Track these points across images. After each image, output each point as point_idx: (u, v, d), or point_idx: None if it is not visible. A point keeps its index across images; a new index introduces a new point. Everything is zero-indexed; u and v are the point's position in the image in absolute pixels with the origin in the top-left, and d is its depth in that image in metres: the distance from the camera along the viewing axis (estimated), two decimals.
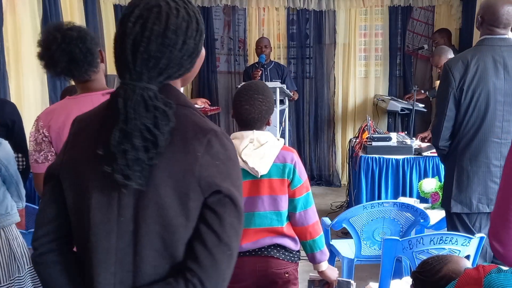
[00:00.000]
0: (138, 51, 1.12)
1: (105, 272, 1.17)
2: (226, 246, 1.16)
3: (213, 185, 1.16)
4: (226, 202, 1.17)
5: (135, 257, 1.17)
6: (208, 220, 1.16)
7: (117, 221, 1.17)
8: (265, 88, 2.18)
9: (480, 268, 1.43)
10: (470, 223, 2.76)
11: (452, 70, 2.71)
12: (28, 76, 4.15)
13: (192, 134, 1.17)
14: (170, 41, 1.13)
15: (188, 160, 1.15)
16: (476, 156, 2.71)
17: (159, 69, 1.14)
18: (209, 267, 1.15)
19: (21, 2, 4.06)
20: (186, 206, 1.15)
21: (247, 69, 6.01)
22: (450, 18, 6.50)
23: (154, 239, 1.16)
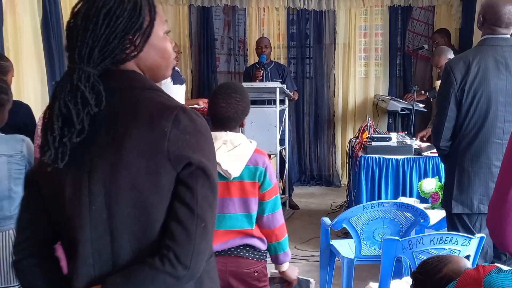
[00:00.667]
0: (72, 33, 1.17)
1: (83, 265, 1.17)
2: (199, 218, 1.15)
3: (183, 157, 1.14)
4: (198, 174, 1.16)
5: (112, 245, 1.16)
6: (180, 194, 1.15)
7: (89, 211, 1.16)
8: (243, 88, 2.20)
9: (480, 268, 1.43)
10: (471, 224, 2.76)
11: (453, 70, 2.69)
12: (28, 76, 4.15)
13: (158, 112, 1.17)
14: (93, 20, 1.16)
15: (155, 137, 1.14)
16: (477, 156, 2.70)
17: (88, 49, 1.15)
18: (183, 241, 1.14)
19: (21, 2, 4.05)
20: (159, 183, 1.14)
21: (247, 69, 6.01)
22: (450, 18, 6.50)
23: (131, 223, 1.15)
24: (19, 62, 4.04)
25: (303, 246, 4.54)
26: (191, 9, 6.65)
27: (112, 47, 1.16)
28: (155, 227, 1.16)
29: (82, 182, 1.16)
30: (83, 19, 1.16)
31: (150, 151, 1.14)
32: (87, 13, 1.16)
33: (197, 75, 6.77)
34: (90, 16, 1.16)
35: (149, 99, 1.19)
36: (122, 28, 1.17)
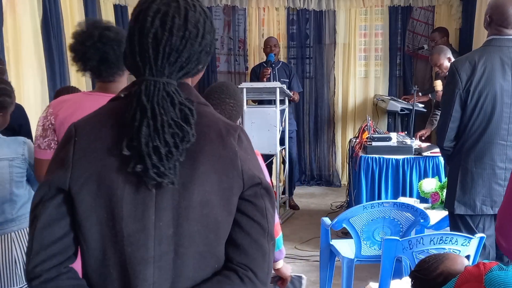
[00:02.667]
0: (160, 45, 1.11)
1: (142, 284, 1.11)
2: (269, 236, 1.19)
3: (255, 177, 1.17)
4: (263, 193, 1.19)
5: (175, 261, 1.12)
6: (249, 212, 1.17)
7: (154, 227, 1.11)
8: (237, 92, 2.18)
9: (481, 266, 1.44)
10: (474, 225, 2.74)
11: (459, 70, 2.68)
12: (28, 76, 4.15)
13: (225, 130, 1.17)
14: (190, 34, 1.13)
15: (229, 155, 1.15)
16: (481, 158, 2.69)
17: (180, 63, 1.13)
18: (259, 258, 1.17)
19: (21, 2, 4.05)
20: (230, 201, 1.15)
21: (254, 68, 5.99)
22: (450, 18, 6.50)
23: (197, 239, 1.13)
24: (19, 62, 4.04)
25: (303, 246, 4.54)
26: None
27: (197, 64, 1.17)
28: (220, 244, 1.16)
29: (147, 197, 1.11)
30: (179, 32, 1.12)
31: (224, 168, 1.14)
32: (184, 26, 1.12)
33: None
34: (187, 30, 1.12)
35: (211, 116, 1.19)
36: (209, 45, 1.18)
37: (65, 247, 1.15)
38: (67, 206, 1.14)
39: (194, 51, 1.14)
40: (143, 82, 1.11)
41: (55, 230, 1.13)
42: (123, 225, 1.11)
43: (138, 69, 1.13)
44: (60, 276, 1.14)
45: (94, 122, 1.18)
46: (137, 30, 1.13)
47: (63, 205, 1.13)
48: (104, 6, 5.63)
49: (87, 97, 2.15)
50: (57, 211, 1.13)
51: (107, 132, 1.14)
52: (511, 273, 1.34)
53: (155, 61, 1.11)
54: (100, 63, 2.04)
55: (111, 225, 1.12)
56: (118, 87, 2.14)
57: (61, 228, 1.14)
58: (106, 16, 5.63)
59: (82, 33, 2.04)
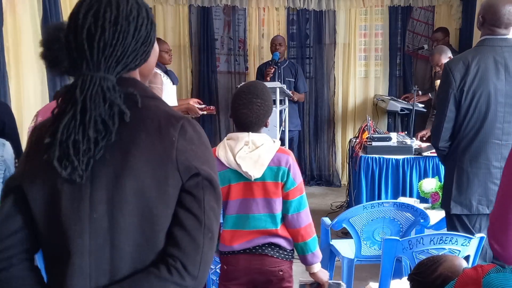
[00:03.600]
0: (94, 40, 1.12)
1: (79, 275, 1.13)
2: (206, 229, 1.16)
3: (192, 168, 1.15)
4: (205, 185, 1.17)
5: (112, 254, 1.13)
6: (186, 204, 1.15)
7: (89, 219, 1.13)
8: (264, 91, 2.16)
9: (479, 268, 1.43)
10: (470, 224, 2.75)
11: (452, 70, 2.69)
12: (28, 76, 4.15)
13: (165, 121, 1.17)
14: (122, 27, 1.14)
15: (165, 146, 1.14)
16: (476, 157, 2.70)
17: (116, 57, 1.14)
18: (191, 251, 1.14)
19: (21, 2, 4.05)
20: (166, 193, 1.14)
21: (260, 66, 5.98)
22: (450, 18, 6.50)
23: (134, 232, 1.13)
24: (19, 62, 4.04)
25: None
26: (191, 9, 6.65)
27: (134, 56, 1.17)
28: (158, 236, 1.15)
29: (82, 190, 1.13)
30: (111, 26, 1.13)
31: (158, 160, 1.13)
32: (116, 20, 1.14)
33: (197, 75, 6.77)
34: (119, 24, 1.14)
35: (154, 107, 1.19)
36: (144, 38, 1.18)
37: (19, 241, 1.19)
38: (22, 202, 1.18)
39: (128, 44, 1.15)
40: (80, 76, 1.13)
41: (9, 225, 1.19)
42: (63, 219, 1.13)
43: (75, 65, 1.15)
44: (11, 267, 1.19)
45: (46, 121, 1.23)
46: (72, 27, 1.15)
47: (18, 202, 1.19)
48: None
49: None
50: (13, 208, 1.19)
51: (49, 128, 1.17)
52: (508, 275, 1.34)
53: (91, 56, 1.13)
54: None
55: (53, 219, 1.15)
56: None
57: (15, 223, 1.19)
58: None
59: (48, 40, 2.06)
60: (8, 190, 1.21)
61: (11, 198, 1.20)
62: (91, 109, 1.10)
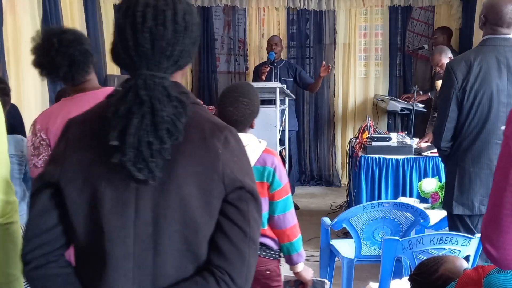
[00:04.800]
0: (155, 39, 1.10)
1: (122, 278, 1.13)
2: (251, 241, 1.17)
3: (237, 181, 1.16)
4: (248, 197, 1.17)
5: (155, 259, 1.14)
6: (231, 216, 1.16)
7: (133, 225, 1.13)
8: (251, 91, 2.17)
9: (480, 269, 1.43)
10: (472, 225, 2.75)
11: (454, 70, 2.68)
12: (28, 76, 4.14)
13: (209, 131, 1.16)
14: (180, 27, 1.13)
15: (210, 157, 1.14)
16: (478, 157, 2.69)
17: (175, 57, 1.13)
18: (238, 263, 1.16)
19: (21, 2, 4.05)
20: (210, 203, 1.14)
21: (257, 66, 5.98)
22: (450, 18, 6.50)
23: (177, 239, 1.14)
24: (19, 62, 4.04)
25: (303, 246, 4.51)
26: None
27: (187, 56, 1.17)
28: (201, 244, 1.16)
29: (127, 195, 1.12)
30: (172, 25, 1.11)
31: (204, 171, 1.14)
32: (175, 19, 1.12)
33: (197, 75, 6.77)
34: (178, 24, 1.12)
35: (198, 116, 1.18)
36: (195, 38, 1.18)
37: (55, 237, 1.18)
38: (58, 199, 1.17)
39: (185, 43, 1.15)
40: (140, 76, 1.11)
41: (45, 220, 1.17)
42: (104, 221, 1.13)
43: (132, 64, 1.12)
44: (49, 264, 1.18)
45: (85, 117, 1.21)
46: (129, 25, 1.11)
47: (54, 197, 1.17)
48: (104, 6, 5.63)
49: (69, 102, 2.14)
50: (49, 203, 1.17)
51: (96, 127, 1.16)
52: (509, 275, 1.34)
53: (153, 56, 1.11)
54: (71, 67, 2.04)
55: (94, 221, 1.14)
56: (92, 83, 2.17)
57: (51, 218, 1.17)
58: (106, 16, 5.64)
59: (42, 45, 2.04)
60: (42, 185, 1.18)
61: (47, 192, 1.17)
62: (160, 110, 1.08)
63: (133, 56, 1.12)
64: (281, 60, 5.91)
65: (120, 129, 1.09)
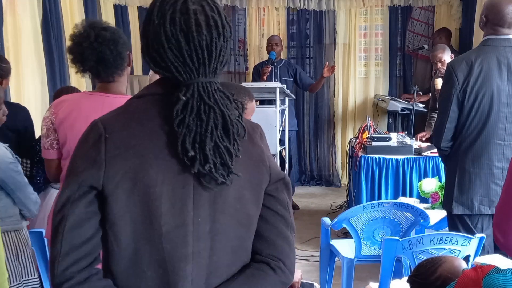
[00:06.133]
0: (212, 46, 1.10)
1: (182, 281, 1.10)
2: (292, 228, 1.24)
3: (280, 173, 1.23)
4: (284, 187, 1.23)
5: (211, 258, 1.13)
6: (273, 207, 1.21)
7: (193, 223, 1.11)
8: (239, 89, 2.18)
9: (479, 269, 1.43)
10: (472, 225, 2.75)
11: (456, 70, 2.68)
12: (28, 76, 4.15)
13: (250, 128, 1.22)
14: (227, 31, 1.14)
15: (258, 152, 1.20)
16: (478, 157, 2.69)
17: (225, 61, 1.16)
18: (286, 249, 1.22)
19: (21, 2, 4.05)
20: (259, 196, 1.19)
21: (256, 66, 6.00)
22: (450, 18, 6.50)
23: (231, 234, 1.16)
24: (19, 62, 4.04)
25: (303, 246, 4.54)
26: None
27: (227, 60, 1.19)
28: (250, 238, 1.20)
29: (185, 194, 1.11)
30: (222, 31, 1.12)
31: (255, 165, 1.18)
32: (223, 24, 1.13)
33: None
34: (225, 28, 1.13)
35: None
36: (229, 41, 1.19)
37: (94, 247, 1.11)
38: (96, 205, 1.10)
39: (228, 48, 1.17)
40: (200, 84, 1.11)
41: (85, 230, 1.10)
42: (162, 222, 1.09)
43: (188, 72, 1.11)
44: (92, 277, 1.10)
45: (124, 119, 1.14)
46: (181, 33, 1.08)
47: (92, 204, 1.10)
48: (104, 6, 5.63)
49: (87, 97, 2.17)
50: (86, 211, 1.10)
51: (142, 129, 1.11)
52: (509, 275, 1.34)
53: (209, 63, 1.11)
54: (98, 63, 2.05)
55: (147, 223, 1.09)
56: (118, 86, 2.16)
57: (90, 228, 1.10)
58: (106, 16, 5.64)
59: (79, 35, 2.06)
60: (78, 191, 1.09)
61: (84, 200, 1.10)
62: (228, 115, 1.12)
63: (190, 64, 1.10)
64: (281, 59, 5.93)
65: (192, 139, 1.09)
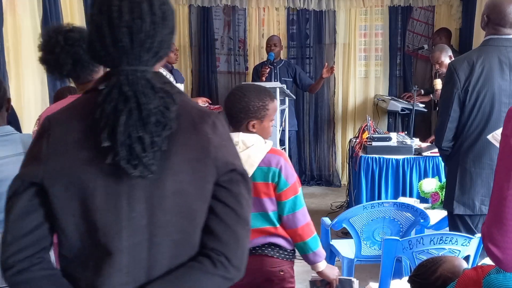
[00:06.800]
0: (133, 33, 1.09)
1: (117, 273, 1.12)
2: (244, 221, 1.19)
3: (229, 164, 1.18)
4: (239, 179, 1.19)
5: (150, 251, 1.13)
6: (223, 198, 1.17)
7: (128, 218, 1.12)
8: (250, 89, 2.15)
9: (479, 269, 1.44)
10: (473, 225, 2.75)
11: (457, 70, 2.68)
12: (28, 76, 4.15)
13: (198, 117, 1.17)
14: (158, 17, 1.12)
15: (202, 143, 1.15)
16: (479, 157, 2.69)
17: (155, 49, 1.12)
18: (233, 244, 1.17)
19: (21, 2, 4.05)
20: (204, 189, 1.15)
21: (256, 67, 6.00)
22: (450, 18, 6.50)
23: (171, 228, 1.14)
24: (19, 62, 4.04)
25: None
26: (191, 9, 6.65)
27: (165, 47, 1.16)
28: (195, 232, 1.17)
29: (119, 188, 1.11)
30: (149, 17, 1.10)
31: (197, 157, 1.14)
32: (152, 10, 1.10)
33: (197, 75, 6.77)
34: (155, 15, 1.11)
35: (185, 104, 1.19)
36: (171, 27, 1.17)
37: (38, 238, 1.16)
38: (40, 199, 1.15)
39: (164, 34, 1.14)
40: (122, 72, 1.10)
41: (27, 222, 1.15)
42: (97, 217, 1.12)
43: (112, 60, 1.11)
44: (33, 266, 1.15)
45: (66, 114, 1.18)
46: (105, 21, 1.10)
47: (36, 198, 1.15)
48: None
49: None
50: (30, 204, 1.15)
51: (79, 124, 1.14)
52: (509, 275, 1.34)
53: (132, 50, 1.10)
54: (75, 65, 2.05)
55: (85, 217, 1.13)
56: None
57: (33, 220, 1.15)
58: None
59: (48, 42, 2.06)
60: (22, 185, 1.15)
61: (28, 194, 1.14)
62: (146, 103, 1.08)
63: (113, 52, 1.10)
64: (281, 60, 5.92)
65: (109, 129, 1.08)
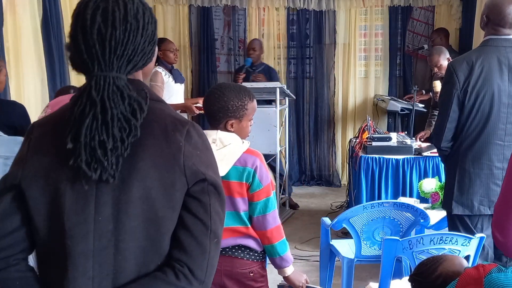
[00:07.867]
0: (105, 39, 1.11)
1: (81, 277, 1.12)
2: (213, 233, 1.18)
3: (199, 173, 1.17)
4: (210, 190, 1.18)
5: (116, 257, 1.13)
6: (192, 209, 1.16)
7: (94, 221, 1.12)
8: (230, 88, 2.15)
9: (480, 268, 1.44)
10: (472, 225, 2.74)
11: (456, 71, 2.68)
12: (28, 76, 4.15)
13: (171, 125, 1.18)
14: (132, 26, 1.13)
15: (172, 151, 1.15)
16: (478, 158, 2.69)
17: (127, 57, 1.14)
18: (198, 256, 1.16)
19: (21, 2, 4.05)
20: (173, 196, 1.15)
21: (236, 70, 6.05)
22: (450, 18, 6.50)
23: (138, 235, 1.13)
24: (19, 62, 4.04)
25: (303, 246, 4.54)
26: (191, 9, 6.65)
27: (142, 55, 1.18)
28: (163, 239, 1.16)
29: (87, 192, 1.13)
30: (122, 25, 1.12)
31: (166, 164, 1.14)
32: (125, 19, 1.13)
33: (197, 75, 6.77)
34: (128, 23, 1.13)
35: (160, 111, 1.20)
36: (150, 36, 1.19)
37: (16, 241, 1.18)
38: (20, 201, 1.17)
39: (138, 42, 1.15)
40: (93, 77, 1.12)
41: (6, 224, 1.17)
42: (65, 219, 1.13)
43: (86, 67, 1.13)
44: (9, 268, 1.17)
45: (48, 119, 1.23)
46: (79, 28, 1.13)
47: (16, 200, 1.17)
48: None
49: None
50: (10, 206, 1.17)
51: (55, 128, 1.17)
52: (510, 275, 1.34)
53: (103, 56, 1.12)
54: None
55: (55, 219, 1.14)
56: None
57: (12, 222, 1.17)
58: None
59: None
60: (5, 188, 1.18)
61: (8, 196, 1.17)
62: (111, 108, 1.10)
63: (86, 58, 1.13)
64: (261, 63, 5.88)
65: (74, 132, 1.10)
